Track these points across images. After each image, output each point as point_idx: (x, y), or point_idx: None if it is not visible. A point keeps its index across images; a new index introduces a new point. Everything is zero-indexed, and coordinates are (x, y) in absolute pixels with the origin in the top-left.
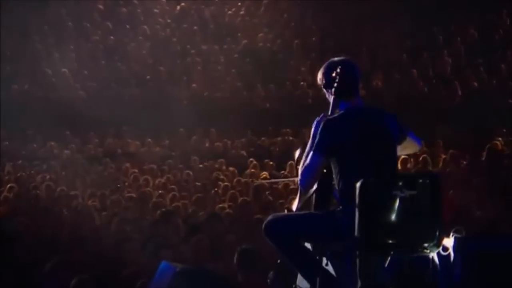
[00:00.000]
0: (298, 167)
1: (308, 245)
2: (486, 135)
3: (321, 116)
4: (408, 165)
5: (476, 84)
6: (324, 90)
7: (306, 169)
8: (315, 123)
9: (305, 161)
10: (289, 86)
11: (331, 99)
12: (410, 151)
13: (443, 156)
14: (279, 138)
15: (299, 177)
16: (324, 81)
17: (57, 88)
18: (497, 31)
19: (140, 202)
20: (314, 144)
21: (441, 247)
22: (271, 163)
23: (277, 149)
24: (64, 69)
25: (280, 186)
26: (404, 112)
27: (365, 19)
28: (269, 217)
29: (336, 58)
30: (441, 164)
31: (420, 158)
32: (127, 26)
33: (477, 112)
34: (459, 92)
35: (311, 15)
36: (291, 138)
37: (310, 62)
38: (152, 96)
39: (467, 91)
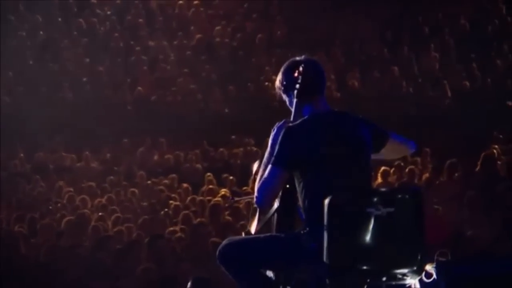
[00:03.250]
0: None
1: (270, 273)
2: (481, 142)
3: (282, 121)
4: (390, 178)
5: (468, 83)
6: (284, 96)
7: (263, 185)
8: (274, 129)
9: (262, 174)
10: (251, 87)
11: (293, 103)
12: (400, 153)
13: (431, 167)
14: (240, 149)
15: (255, 194)
16: (284, 83)
17: None
18: (492, 21)
19: (76, 226)
20: (274, 155)
21: (423, 273)
22: (231, 178)
23: (238, 162)
24: None
25: (241, 205)
26: (385, 116)
27: (338, 8)
28: (224, 242)
29: (297, 58)
30: (428, 176)
31: (406, 170)
32: (59, 19)
33: (470, 116)
34: (449, 93)
35: (276, 5)
36: (254, 148)
37: (276, 59)
38: (90, 101)
39: (458, 91)
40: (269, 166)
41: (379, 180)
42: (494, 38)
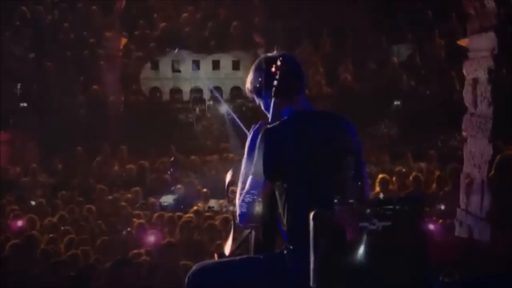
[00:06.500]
0: (230, 195)
1: None
2: (496, 142)
3: (259, 123)
4: (391, 186)
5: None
6: (258, 100)
7: (245, 200)
8: (251, 133)
9: (242, 187)
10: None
11: (270, 106)
12: None
13: (439, 173)
14: (215, 156)
15: (237, 211)
16: (260, 79)
17: None
18: (506, 1)
19: (23, 250)
20: (253, 164)
21: None
22: (205, 190)
23: (213, 171)
24: None
25: (217, 222)
26: (382, 115)
27: None
28: (194, 267)
29: (269, 54)
30: (434, 183)
31: (411, 177)
32: None
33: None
34: (457, 85)
35: None
36: (230, 155)
37: (254, 51)
38: (36, 103)
39: None
40: (250, 178)
41: (377, 189)
42: (509, 21)
